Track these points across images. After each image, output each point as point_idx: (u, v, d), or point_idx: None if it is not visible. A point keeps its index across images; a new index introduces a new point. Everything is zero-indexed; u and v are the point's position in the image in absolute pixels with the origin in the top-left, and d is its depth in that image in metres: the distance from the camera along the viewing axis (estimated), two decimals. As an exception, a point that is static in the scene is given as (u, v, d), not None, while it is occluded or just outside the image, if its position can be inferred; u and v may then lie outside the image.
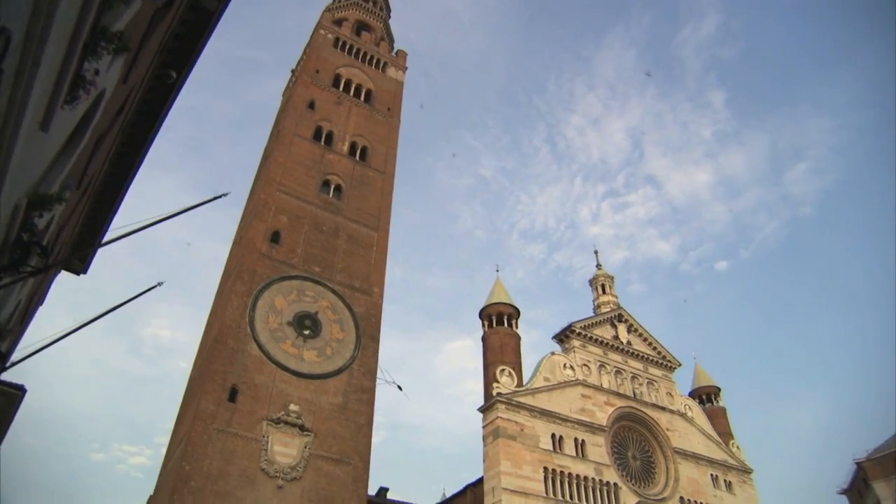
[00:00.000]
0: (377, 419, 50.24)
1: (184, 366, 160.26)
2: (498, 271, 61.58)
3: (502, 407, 48.98)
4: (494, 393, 49.67)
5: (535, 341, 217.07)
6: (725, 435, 64.69)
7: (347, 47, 71.25)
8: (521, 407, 49.98)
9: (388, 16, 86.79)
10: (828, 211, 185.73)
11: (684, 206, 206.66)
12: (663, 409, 60.31)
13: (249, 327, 45.87)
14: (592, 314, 63.81)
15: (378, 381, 50.39)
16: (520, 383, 51.93)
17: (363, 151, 63.65)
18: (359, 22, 78.22)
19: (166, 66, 14.27)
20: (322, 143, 60.98)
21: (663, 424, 58.95)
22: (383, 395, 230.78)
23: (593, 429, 53.23)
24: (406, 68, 76.14)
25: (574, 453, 50.71)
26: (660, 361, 63.54)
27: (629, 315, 64.11)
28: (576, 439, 51.62)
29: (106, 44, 8.68)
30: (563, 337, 58.82)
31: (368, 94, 69.24)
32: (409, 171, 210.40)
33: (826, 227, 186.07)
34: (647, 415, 58.61)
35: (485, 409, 50.11)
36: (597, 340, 59.55)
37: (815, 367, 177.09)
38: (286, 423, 43.38)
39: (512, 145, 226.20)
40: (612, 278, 68.67)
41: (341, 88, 67.00)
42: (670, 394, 62.36)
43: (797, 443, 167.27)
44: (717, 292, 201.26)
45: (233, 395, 42.65)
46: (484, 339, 55.73)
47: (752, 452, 67.88)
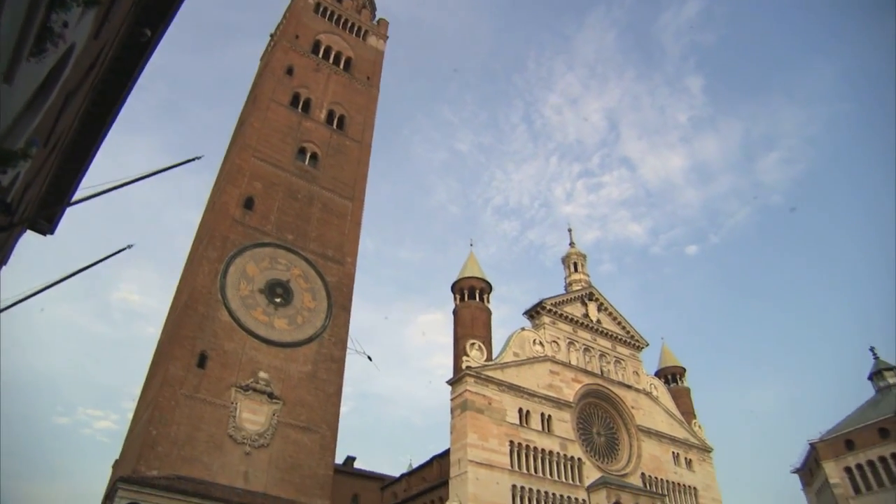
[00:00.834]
0: (346, 389, 50.45)
1: (152, 331, 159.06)
2: (472, 246, 61.40)
3: (471, 380, 49.36)
4: (464, 366, 49.99)
5: (504, 317, 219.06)
6: (688, 414, 66.01)
7: (328, 13, 70.17)
8: (489, 381, 50.42)
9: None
10: (797, 200, 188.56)
11: (657, 189, 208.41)
12: (629, 387, 61.26)
13: (220, 293, 45.56)
14: (563, 292, 64.29)
15: (348, 351, 50.57)
16: (489, 357, 52.32)
17: (341, 120, 63.04)
18: (340, -12, 76.97)
19: (140, 23, 13.89)
20: (299, 109, 60.27)
21: (628, 402, 59.93)
22: (353, 366, 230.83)
23: (560, 404, 53.93)
24: (387, 38, 75.27)
25: (540, 428, 51.38)
26: (628, 341, 64.39)
27: (600, 294, 64.70)
28: (542, 414, 52.29)
29: (75, -5, 8.39)
30: (534, 313, 59.23)
31: (348, 63, 68.41)
32: (385, 142, 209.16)
33: (794, 216, 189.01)
34: (613, 392, 59.50)
35: (454, 382, 50.45)
36: (567, 318, 60.09)
37: (776, 352, 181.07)
38: (255, 390, 43.37)
39: (489, 121, 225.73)
40: (584, 257, 69.12)
41: (321, 55, 66.10)
42: (637, 373, 63.32)
43: (756, 424, 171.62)
44: (686, 276, 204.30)
45: (202, 361, 42.46)
46: (455, 313, 55.94)
47: (712, 432, 69.67)
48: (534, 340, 56.43)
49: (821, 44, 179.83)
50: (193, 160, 19.02)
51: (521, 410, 50.96)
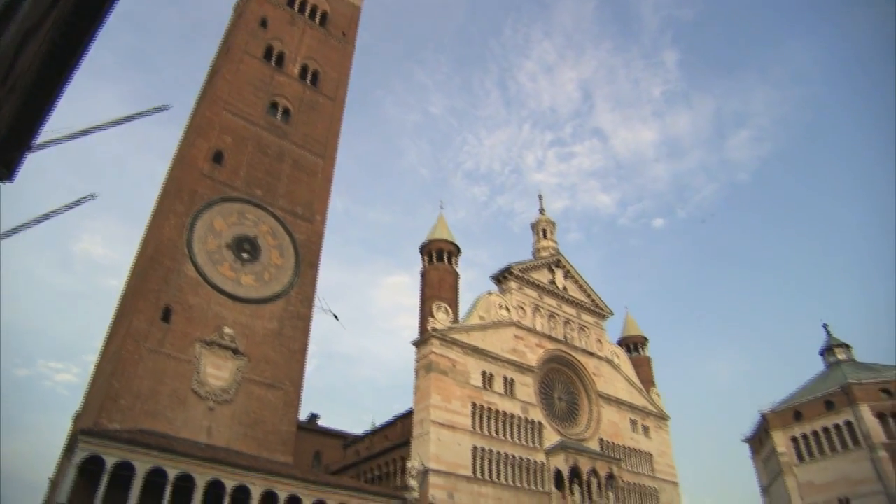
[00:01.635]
0: (311, 347, 50.53)
1: (116, 284, 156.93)
2: (442, 208, 61.50)
3: (436, 342, 49.74)
4: (430, 328, 50.31)
5: (470, 281, 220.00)
6: (647, 383, 67.52)
7: (305, -35, 68.35)
8: (454, 343, 50.87)
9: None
10: (763, 179, 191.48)
11: (628, 161, 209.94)
12: (592, 354, 62.32)
13: (187, 248, 44.98)
14: (531, 258, 64.73)
15: (315, 310, 50.47)
16: (455, 320, 52.71)
17: (315, 76, 61.96)
18: (318, -61, 74.93)
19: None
20: (273, 63, 59.02)
21: (590, 369, 61.02)
22: (319, 324, 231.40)
23: (523, 369, 54.71)
24: (364, -7, 73.70)
25: (503, 391, 52.15)
26: (593, 309, 65.29)
27: (567, 261, 65.28)
28: (505, 378, 53.02)
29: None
30: (501, 278, 59.62)
31: (324, 17, 67.00)
32: (358, 102, 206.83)
33: (760, 194, 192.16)
34: (575, 359, 60.50)
35: (419, 344, 50.81)
36: (534, 284, 60.61)
37: (735, 326, 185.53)
38: (220, 345, 43.19)
39: (463, 86, 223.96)
40: (553, 224, 69.47)
41: (296, 8, 64.57)
42: (600, 340, 64.38)
43: (712, 394, 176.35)
44: (651, 248, 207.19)
45: (166, 315, 42.06)
46: (423, 275, 56.08)
47: (670, 401, 71.32)
48: (500, 305, 56.91)
49: (797, 25, 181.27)
50: (160, 109, 18.62)
51: (484, 373, 51.61)
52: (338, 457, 63.43)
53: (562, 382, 59.27)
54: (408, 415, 50.75)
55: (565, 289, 63.59)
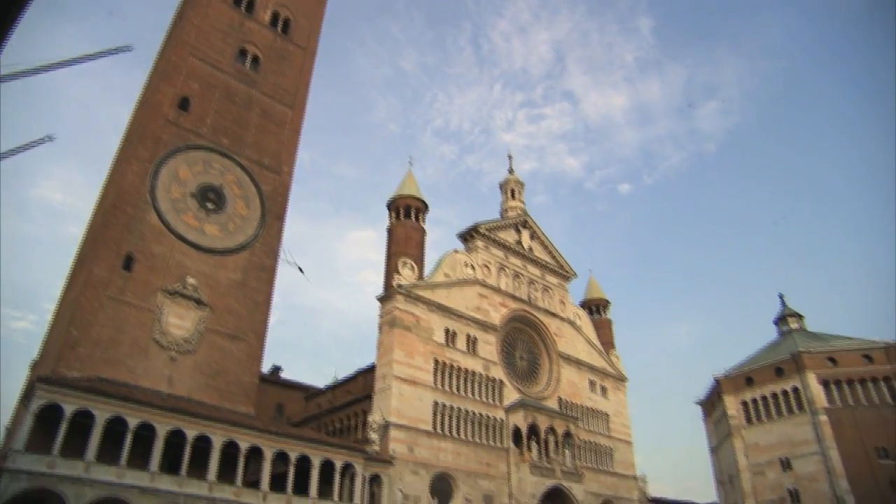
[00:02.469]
0: (275, 299, 50.33)
1: (75, 231, 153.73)
2: (410, 164, 60.84)
3: (401, 298, 49.98)
4: (395, 284, 50.47)
5: (436, 239, 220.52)
6: (608, 345, 68.98)
7: None
8: (419, 300, 51.17)
9: None
10: (729, 151, 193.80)
11: (597, 126, 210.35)
12: (554, 315, 63.28)
13: (150, 195, 44.18)
14: (499, 218, 64.97)
15: (279, 262, 50.21)
16: (420, 277, 52.92)
17: (286, 23, 60.45)
18: None
19: None
20: (242, 8, 57.30)
21: (552, 330, 62.03)
22: (283, 277, 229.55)
23: (486, 327, 55.38)
24: (338, -61, 71.64)
25: (465, 349, 52.81)
26: (557, 270, 66.05)
27: (533, 222, 65.69)
28: (468, 335, 53.65)
29: None
30: (468, 236, 59.83)
31: (296, -38, 64.99)
32: (329, 53, 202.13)
33: (722, 164, 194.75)
34: (538, 319, 61.39)
35: (383, 299, 51.00)
36: (500, 243, 60.98)
37: (695, 292, 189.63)
38: (182, 295, 42.84)
39: (436, 41, 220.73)
40: (522, 184, 69.61)
41: (267, -49, 62.47)
42: (563, 302, 65.33)
43: (669, 357, 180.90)
44: (617, 213, 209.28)
45: (128, 264, 41.46)
46: (390, 231, 55.98)
47: (629, 363, 73.12)
48: (465, 263, 57.24)
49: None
50: (122, 50, 18.12)
51: (447, 330, 52.14)
52: (300, 409, 63.90)
53: (524, 342, 60.19)
54: (370, 369, 51.18)
55: (531, 249, 64.13)
